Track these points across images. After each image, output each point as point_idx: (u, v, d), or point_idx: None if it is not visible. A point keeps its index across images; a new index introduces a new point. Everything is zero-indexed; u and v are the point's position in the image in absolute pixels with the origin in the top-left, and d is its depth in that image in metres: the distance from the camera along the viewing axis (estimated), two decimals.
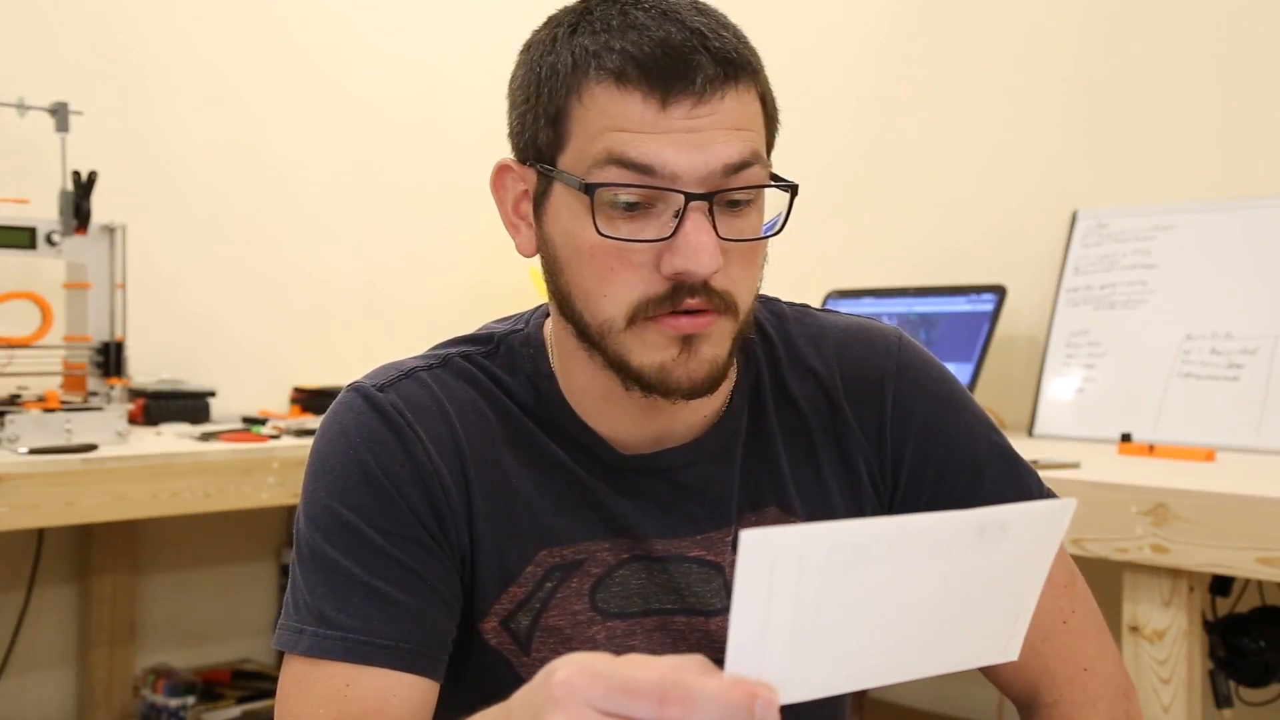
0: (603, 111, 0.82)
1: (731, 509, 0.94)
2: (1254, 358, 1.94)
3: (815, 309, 1.04)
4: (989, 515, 0.59)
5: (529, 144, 0.87)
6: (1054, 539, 0.63)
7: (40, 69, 2.41)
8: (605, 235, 0.82)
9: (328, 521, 0.87)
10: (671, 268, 0.81)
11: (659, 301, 0.83)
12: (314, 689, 0.84)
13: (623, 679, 0.54)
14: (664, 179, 0.81)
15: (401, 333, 2.61)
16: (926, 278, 2.45)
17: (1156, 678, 1.53)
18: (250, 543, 2.73)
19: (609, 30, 0.83)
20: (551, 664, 0.57)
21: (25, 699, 2.45)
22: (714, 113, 0.81)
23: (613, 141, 0.81)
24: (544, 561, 0.91)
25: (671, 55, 0.81)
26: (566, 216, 0.85)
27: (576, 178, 0.83)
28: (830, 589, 0.56)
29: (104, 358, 2.24)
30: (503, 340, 0.96)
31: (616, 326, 0.84)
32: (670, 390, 0.85)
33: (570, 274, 0.86)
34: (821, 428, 0.97)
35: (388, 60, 2.92)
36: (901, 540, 0.57)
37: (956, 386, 1.01)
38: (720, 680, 0.54)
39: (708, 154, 0.81)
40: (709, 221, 0.81)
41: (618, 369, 0.86)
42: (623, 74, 0.81)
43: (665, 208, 0.82)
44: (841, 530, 0.55)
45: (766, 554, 0.54)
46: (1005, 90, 2.44)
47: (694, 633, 0.93)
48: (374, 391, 0.91)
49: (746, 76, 0.84)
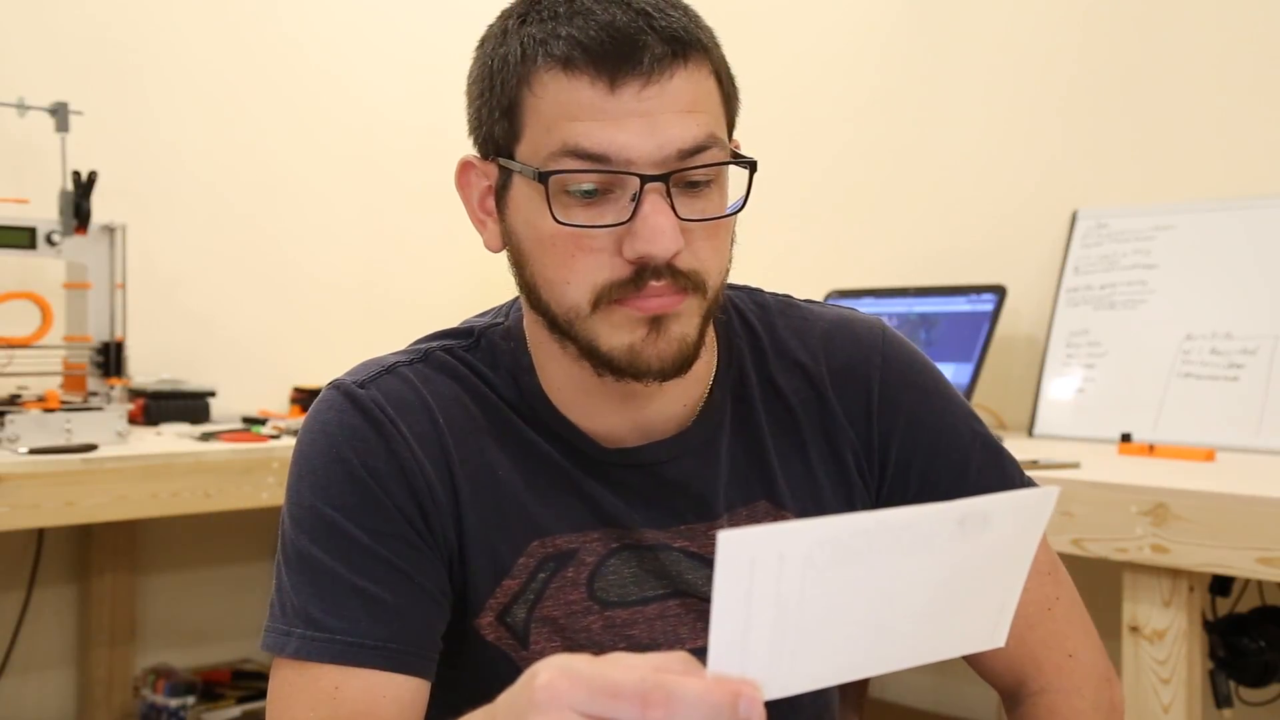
0: (553, 100, 0.82)
1: (717, 503, 0.93)
2: (1254, 358, 1.94)
3: (798, 300, 1.03)
4: (970, 507, 0.58)
5: (487, 138, 0.87)
6: (1037, 528, 0.63)
7: (40, 69, 2.41)
8: (562, 223, 0.82)
9: (312, 522, 0.87)
10: (633, 251, 0.81)
11: (623, 285, 0.83)
12: (303, 692, 0.83)
13: (605, 681, 0.54)
14: (618, 164, 0.81)
15: (401, 333, 2.59)
16: (926, 278, 2.45)
17: (1156, 678, 1.53)
18: (250, 543, 2.73)
19: (556, 18, 0.83)
20: (533, 667, 0.56)
21: (25, 699, 2.45)
22: (663, 93, 0.81)
23: (566, 132, 0.81)
24: (536, 552, 0.90)
25: (617, 38, 0.81)
26: (527, 207, 0.85)
27: (532, 168, 0.83)
28: (812, 586, 0.55)
29: (104, 358, 2.24)
30: (483, 334, 0.96)
31: (582, 312, 0.84)
32: (641, 372, 0.85)
33: (534, 264, 0.86)
34: (809, 420, 0.97)
35: (387, 60, 2.92)
36: (883, 535, 0.56)
37: (940, 378, 1.01)
38: (703, 680, 0.54)
39: (661, 137, 0.81)
40: (667, 203, 0.81)
41: (588, 355, 0.86)
42: (569, 60, 0.81)
43: (623, 193, 0.82)
44: (821, 527, 0.55)
45: (745, 553, 0.53)
46: (1005, 91, 2.44)
47: (690, 614, 0.93)
48: (355, 388, 0.90)
49: (696, 54, 0.83)
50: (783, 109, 2.77)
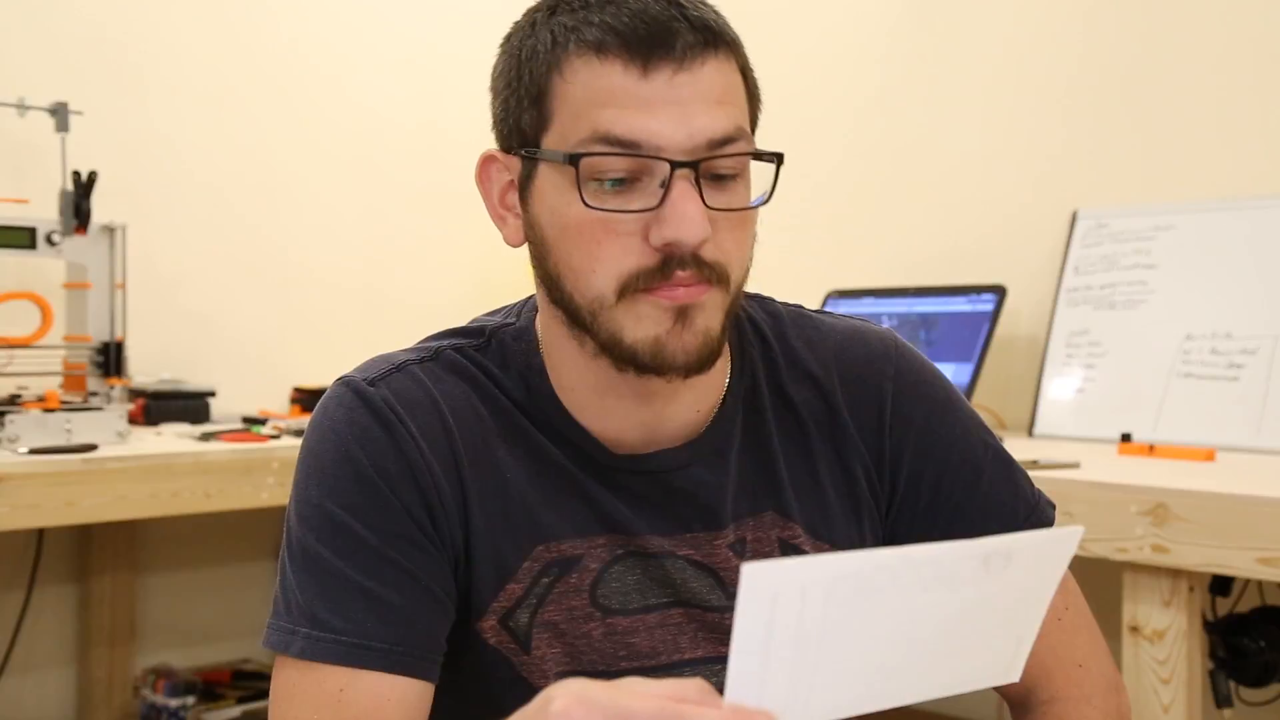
0: (585, 85, 0.82)
1: (724, 513, 0.93)
2: (1254, 358, 1.94)
3: (810, 310, 1.03)
4: (994, 545, 0.58)
5: (513, 129, 0.87)
6: (1059, 566, 0.63)
7: (40, 69, 2.41)
8: (592, 207, 0.81)
9: (319, 520, 0.86)
10: (660, 238, 0.81)
11: (649, 274, 0.82)
12: (308, 693, 0.83)
13: (621, 710, 0.53)
14: (649, 150, 0.81)
15: (401, 333, 2.58)
16: (926, 278, 2.45)
17: (1156, 678, 1.53)
18: (250, 543, 2.73)
19: (587, 7, 0.83)
20: (547, 691, 0.56)
21: (25, 699, 2.45)
22: (695, 81, 0.81)
23: (597, 119, 0.81)
24: (541, 557, 0.90)
25: (650, 24, 0.81)
26: (553, 195, 0.85)
27: (561, 153, 0.82)
28: (832, 620, 0.55)
29: (104, 358, 2.24)
30: (494, 334, 0.95)
31: (607, 302, 0.83)
32: (666, 366, 0.84)
33: (559, 253, 0.85)
34: (819, 432, 0.96)
35: (387, 61, 2.92)
36: (905, 571, 0.56)
37: (951, 390, 1.01)
38: (719, 710, 0.53)
39: (692, 125, 0.81)
40: (695, 190, 0.81)
41: (610, 350, 0.85)
42: (602, 45, 0.81)
43: (651, 180, 0.82)
44: (844, 561, 0.55)
45: (768, 586, 0.53)
46: (1006, 91, 2.44)
47: (692, 624, 0.92)
48: (365, 386, 0.90)
49: (725, 47, 0.84)
50: (783, 109, 2.76)
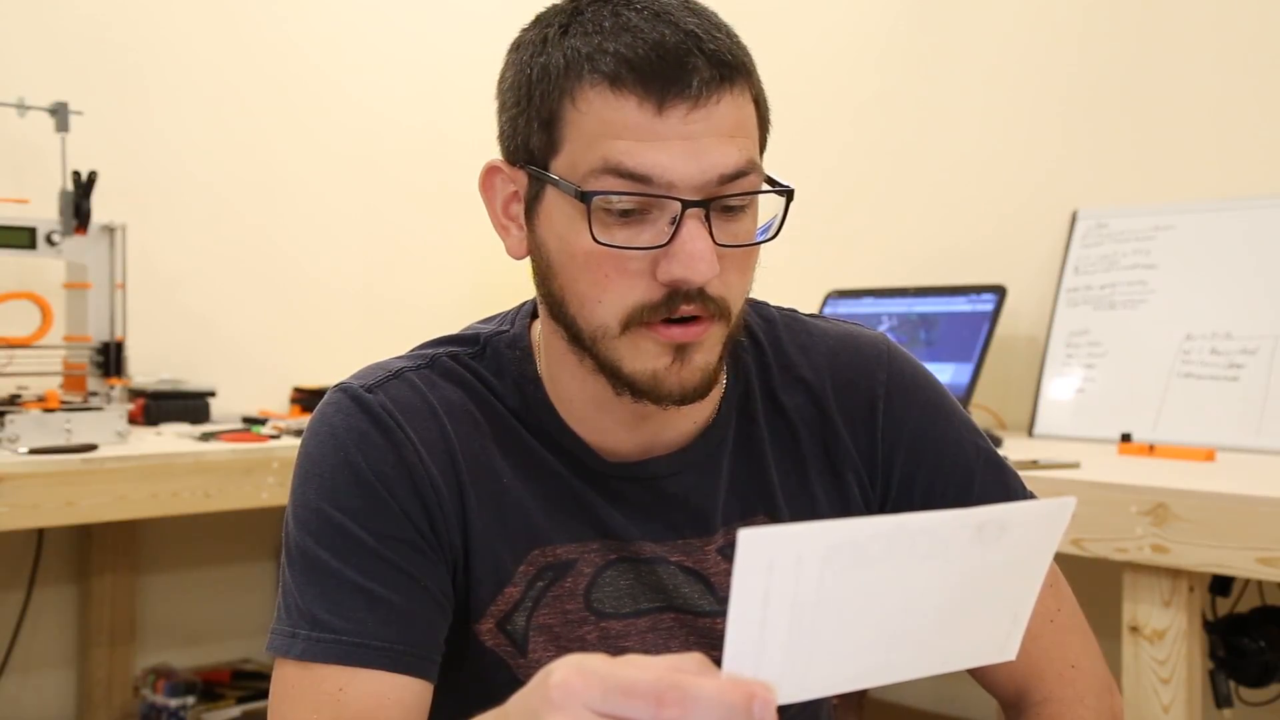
0: (597, 116, 0.81)
1: (715, 519, 0.94)
2: (1254, 358, 1.94)
3: (803, 314, 1.03)
4: (988, 514, 0.59)
5: (520, 147, 0.86)
6: (1053, 538, 0.63)
7: (40, 69, 2.41)
8: (601, 243, 0.81)
9: (318, 524, 0.87)
10: (668, 275, 0.81)
11: (654, 308, 0.82)
12: (307, 693, 0.83)
13: (620, 680, 0.54)
14: (660, 187, 0.80)
15: (401, 333, 2.59)
16: (926, 278, 2.45)
17: (1156, 678, 1.53)
18: (250, 543, 2.73)
19: (601, 32, 0.82)
20: (548, 666, 0.56)
21: (25, 699, 2.45)
22: (709, 117, 0.80)
23: (609, 150, 0.80)
24: (536, 561, 0.91)
25: (666, 58, 0.80)
26: (561, 222, 0.84)
27: (572, 185, 0.82)
28: (828, 588, 0.55)
29: (104, 358, 2.24)
30: (489, 342, 0.96)
31: (611, 333, 0.84)
32: (661, 397, 0.85)
33: (564, 279, 0.85)
34: (810, 437, 0.97)
35: (387, 61, 2.92)
36: (900, 539, 0.56)
37: (944, 393, 1.02)
38: (718, 680, 0.54)
39: (704, 161, 0.80)
40: (705, 228, 0.81)
41: (609, 374, 0.86)
42: (617, 77, 0.80)
43: (661, 215, 0.81)
44: (840, 529, 0.55)
45: (764, 554, 0.53)
46: (1006, 91, 2.44)
47: (683, 629, 0.93)
48: (363, 392, 0.90)
49: (741, 79, 0.83)
50: (783, 109, 2.76)
